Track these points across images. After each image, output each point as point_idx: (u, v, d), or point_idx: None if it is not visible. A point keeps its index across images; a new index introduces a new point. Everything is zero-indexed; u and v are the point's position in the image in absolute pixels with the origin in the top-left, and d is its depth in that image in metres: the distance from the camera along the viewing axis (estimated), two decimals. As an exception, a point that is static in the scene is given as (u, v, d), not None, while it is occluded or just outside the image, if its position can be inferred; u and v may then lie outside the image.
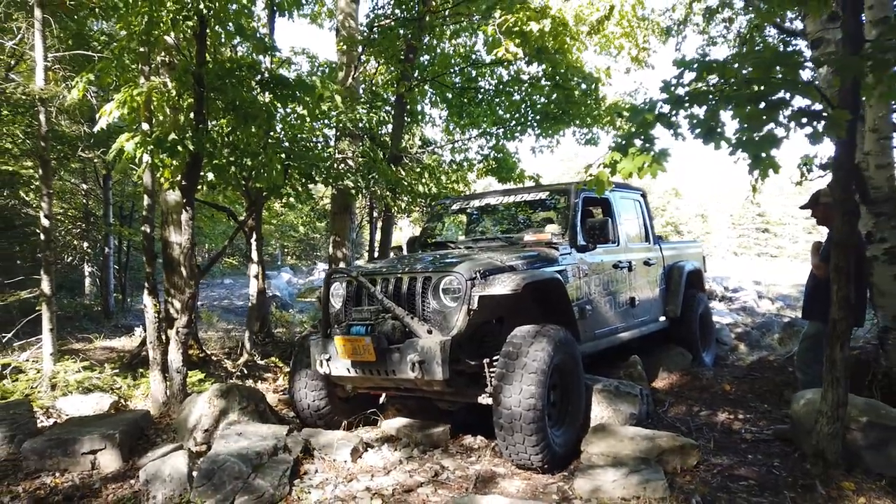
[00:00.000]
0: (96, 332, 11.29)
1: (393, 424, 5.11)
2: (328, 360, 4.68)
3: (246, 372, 7.49)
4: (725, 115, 3.29)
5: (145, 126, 5.27)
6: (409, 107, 10.31)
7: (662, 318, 6.96)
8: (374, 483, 4.03)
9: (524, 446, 4.02)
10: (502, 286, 4.27)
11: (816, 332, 4.79)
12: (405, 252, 6.57)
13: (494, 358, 4.40)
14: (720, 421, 5.12)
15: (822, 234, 5.53)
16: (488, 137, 11.29)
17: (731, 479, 3.87)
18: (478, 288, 4.32)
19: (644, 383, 5.74)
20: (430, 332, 4.35)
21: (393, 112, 9.74)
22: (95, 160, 11.46)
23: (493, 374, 4.32)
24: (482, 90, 10.98)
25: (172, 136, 4.74)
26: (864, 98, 3.53)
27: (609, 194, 5.97)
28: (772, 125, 3.00)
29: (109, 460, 4.48)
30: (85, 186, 15.54)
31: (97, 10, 7.19)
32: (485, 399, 4.43)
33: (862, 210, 4.79)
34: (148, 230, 6.11)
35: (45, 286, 6.59)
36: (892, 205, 4.95)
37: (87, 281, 17.81)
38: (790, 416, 4.52)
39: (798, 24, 8.10)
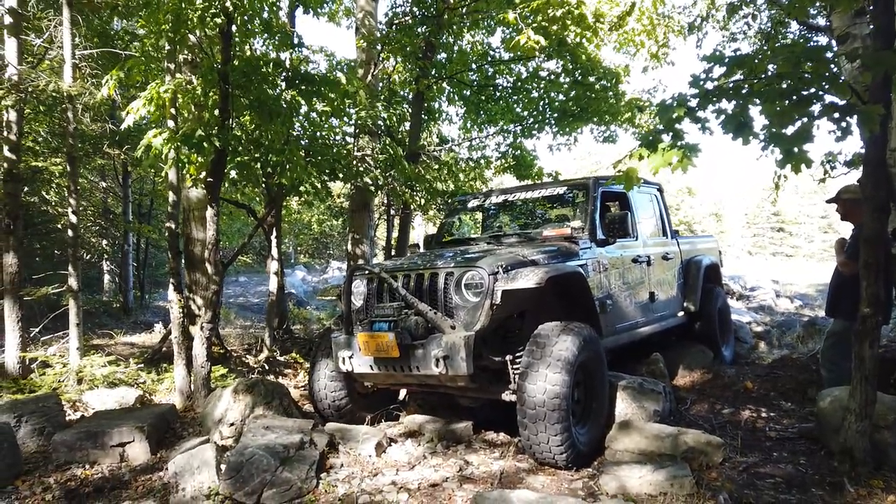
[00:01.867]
0: (116, 328, 11.44)
1: (415, 420, 5.13)
2: (350, 357, 4.69)
3: (267, 368, 7.56)
4: (754, 111, 3.28)
5: (171, 123, 5.33)
6: (426, 104, 10.33)
7: (681, 314, 6.94)
8: (399, 477, 4.05)
9: (548, 443, 4.01)
10: (525, 280, 4.24)
11: (842, 330, 4.75)
12: (422, 249, 6.57)
13: (518, 354, 4.40)
14: (743, 419, 5.09)
15: (838, 231, 5.47)
16: (506, 135, 11.30)
17: (758, 477, 3.86)
18: (500, 282, 4.31)
19: (666, 380, 5.73)
20: (453, 327, 4.34)
21: (411, 109, 9.77)
22: (123, 157, 11.58)
23: (516, 371, 4.32)
24: (500, 87, 10.98)
25: (199, 132, 4.79)
26: (891, 94, 3.50)
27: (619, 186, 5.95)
28: (804, 120, 2.99)
29: (138, 452, 4.56)
30: (104, 184, 15.74)
31: (120, 8, 7.26)
32: (508, 396, 4.43)
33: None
34: (172, 226, 6.18)
35: (73, 282, 6.69)
36: (919, 202, 4.89)
37: (106, 278, 18.03)
38: (816, 413, 4.49)
39: (821, 20, 8.05)
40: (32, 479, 4.24)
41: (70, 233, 6.97)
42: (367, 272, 5.03)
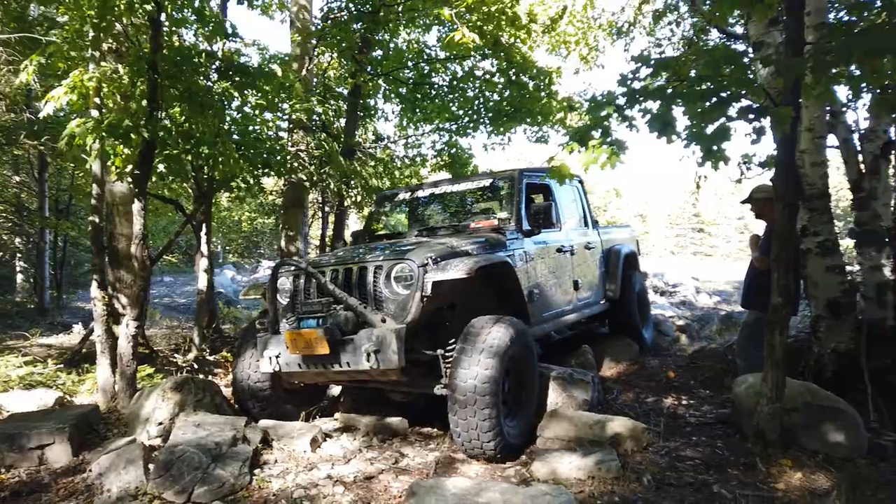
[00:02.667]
0: (32, 329, 10.85)
1: (350, 415, 5.12)
2: (277, 356, 4.54)
3: (196, 367, 7.34)
4: (677, 111, 3.46)
5: (95, 113, 5.12)
6: (362, 101, 10.29)
7: (603, 301, 7.19)
8: (334, 471, 4.05)
9: (478, 438, 4.02)
10: (455, 271, 4.23)
11: (756, 321, 5.05)
12: (350, 244, 6.50)
13: (449, 348, 4.41)
14: (666, 406, 5.34)
15: (753, 231, 5.83)
16: (441, 133, 11.39)
17: (679, 460, 4.06)
18: (430, 274, 4.29)
19: (594, 371, 5.94)
20: (383, 320, 4.28)
21: (346, 105, 9.71)
22: (41, 149, 10.96)
23: (448, 365, 4.33)
24: (436, 86, 11.06)
25: (126, 122, 4.62)
26: (801, 98, 3.75)
27: (549, 180, 6.02)
28: (722, 120, 3.18)
29: (59, 455, 4.35)
30: (17, 178, 14.89)
31: (39, -8, 6.92)
32: (440, 390, 4.39)
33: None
34: (97, 220, 5.92)
35: (-16, 278, 6.33)
36: (825, 201, 5.26)
37: (20, 277, 17.07)
38: (732, 400, 4.76)
39: (739, 29, 8.51)
40: (-59, 486, 4.00)
41: (-18, 227, 6.59)
42: (292, 268, 4.87)
